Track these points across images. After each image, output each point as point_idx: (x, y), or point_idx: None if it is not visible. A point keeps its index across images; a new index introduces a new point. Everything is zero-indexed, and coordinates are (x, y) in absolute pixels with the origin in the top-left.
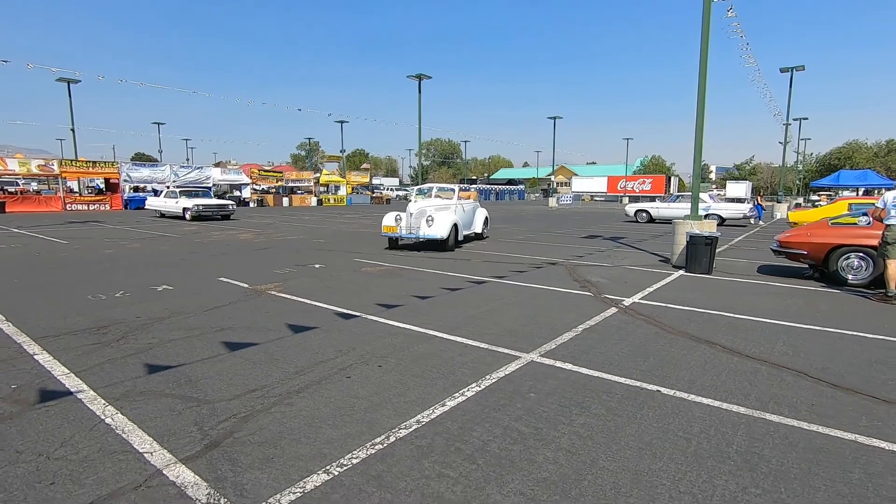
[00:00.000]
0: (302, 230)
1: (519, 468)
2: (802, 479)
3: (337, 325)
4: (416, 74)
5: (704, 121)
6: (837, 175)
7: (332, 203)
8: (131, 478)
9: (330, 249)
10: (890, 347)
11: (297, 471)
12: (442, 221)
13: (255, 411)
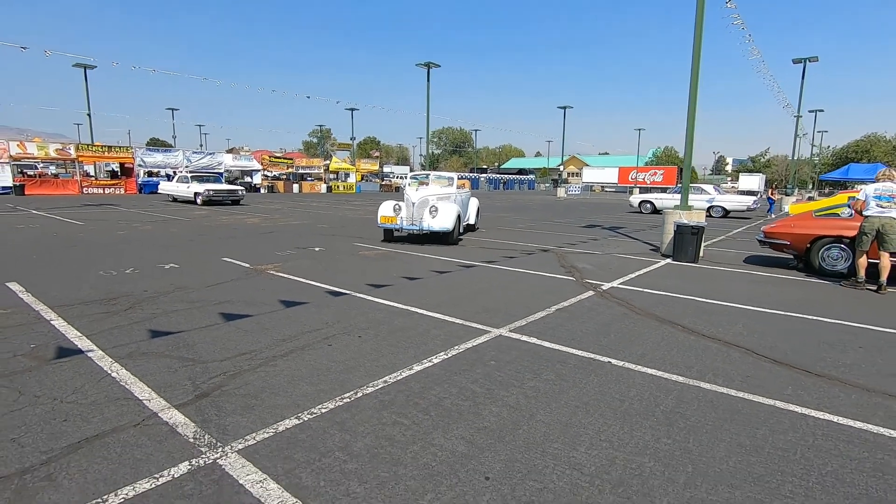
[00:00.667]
0: (308, 216)
1: (465, 419)
2: (712, 432)
3: (326, 301)
4: (425, 63)
5: (696, 113)
6: (847, 168)
7: (341, 190)
8: (131, 418)
9: (332, 234)
10: (845, 331)
11: (273, 416)
12: (447, 213)
13: (242, 370)
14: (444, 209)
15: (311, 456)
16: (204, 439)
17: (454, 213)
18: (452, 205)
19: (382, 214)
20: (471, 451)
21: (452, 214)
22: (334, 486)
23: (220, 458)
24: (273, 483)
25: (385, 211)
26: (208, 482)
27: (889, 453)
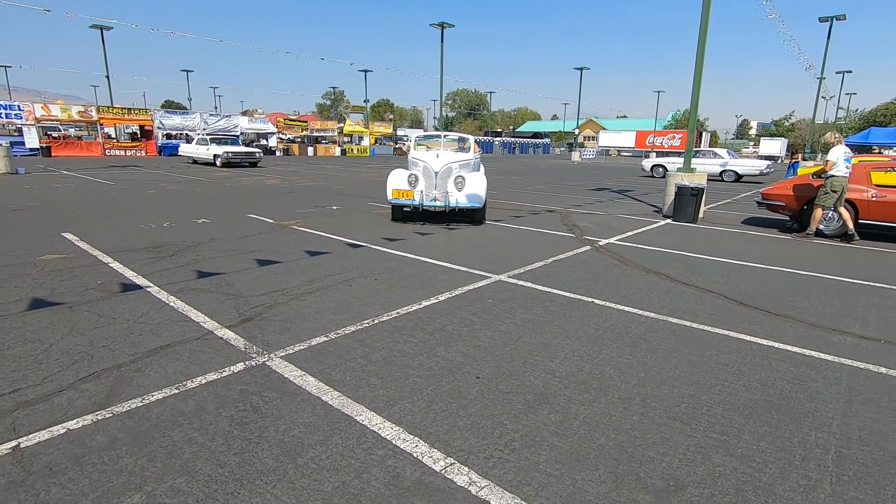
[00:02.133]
0: (324, 178)
1: (463, 340)
2: (667, 352)
3: (346, 251)
4: (438, 23)
5: (702, 74)
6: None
7: (355, 153)
8: (192, 334)
9: (348, 195)
10: (815, 281)
11: (306, 335)
12: (476, 184)
13: (277, 303)
14: (473, 180)
15: (338, 361)
16: (253, 349)
17: (484, 185)
18: (480, 175)
19: (394, 187)
20: (466, 361)
21: (482, 186)
22: (357, 380)
23: (267, 361)
24: (310, 377)
25: (397, 183)
26: (261, 375)
27: (812, 369)
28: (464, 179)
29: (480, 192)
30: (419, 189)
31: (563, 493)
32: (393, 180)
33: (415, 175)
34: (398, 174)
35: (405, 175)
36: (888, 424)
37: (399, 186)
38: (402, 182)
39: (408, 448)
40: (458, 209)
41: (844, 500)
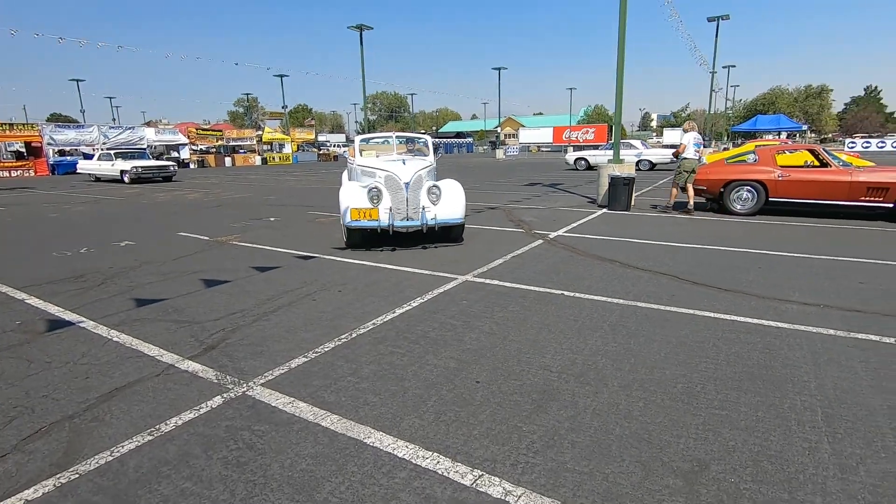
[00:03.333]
0: (250, 189)
1: (450, 345)
2: (647, 336)
3: (298, 264)
4: (356, 25)
5: (624, 71)
6: (755, 120)
7: (277, 161)
8: (150, 370)
9: (282, 205)
10: (747, 257)
11: (283, 357)
12: (454, 195)
13: (240, 326)
14: (449, 190)
15: (327, 381)
16: (227, 379)
17: (463, 194)
18: (453, 182)
19: (353, 206)
20: (460, 366)
21: (462, 196)
22: (353, 399)
23: (247, 391)
24: (301, 403)
25: (354, 200)
26: (244, 408)
27: (776, 338)
28: (439, 190)
29: (461, 203)
30: (385, 206)
31: (600, 490)
32: (348, 197)
33: (377, 188)
34: (353, 189)
35: (362, 189)
36: (854, 381)
37: (359, 205)
38: (360, 199)
39: (430, 466)
40: (437, 227)
41: (844, 456)
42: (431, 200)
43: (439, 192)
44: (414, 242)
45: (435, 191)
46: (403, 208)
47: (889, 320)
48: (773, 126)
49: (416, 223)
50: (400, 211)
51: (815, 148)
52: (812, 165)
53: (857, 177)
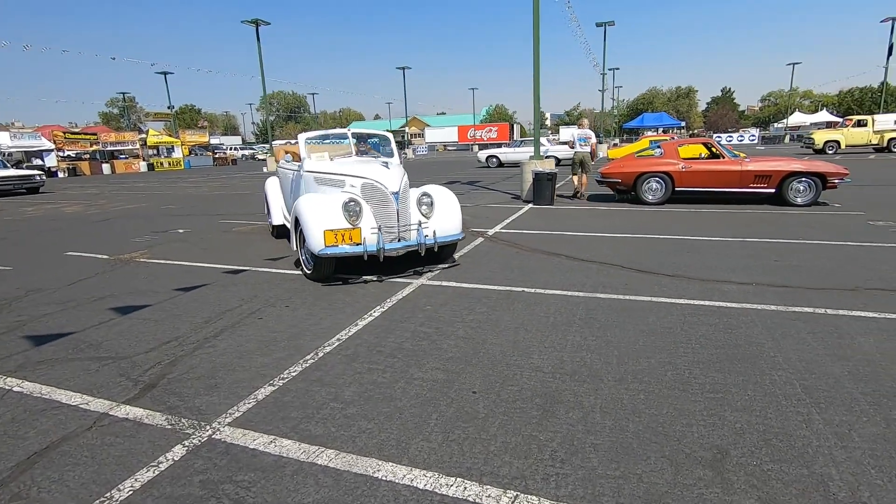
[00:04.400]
0: (142, 198)
1: (431, 355)
2: (619, 327)
3: (229, 280)
4: (252, 20)
5: (540, 73)
6: (642, 118)
7: (166, 167)
8: (78, 423)
9: (188, 215)
10: (671, 243)
11: (244, 389)
12: (450, 203)
13: (179, 357)
14: (442, 198)
15: (308, 412)
16: (182, 423)
17: (457, 203)
18: (445, 189)
19: (327, 227)
20: (449, 377)
21: (457, 206)
22: (346, 429)
23: (213, 434)
24: (285, 440)
25: (327, 218)
26: (217, 455)
27: (731, 317)
28: (431, 199)
29: (458, 214)
30: (368, 224)
31: (640, 492)
32: (319, 215)
33: (354, 202)
34: (321, 203)
35: (335, 203)
36: (812, 350)
37: (334, 225)
38: (335, 216)
39: (459, 494)
40: (436, 247)
41: (836, 425)
42: (423, 213)
43: (431, 201)
44: (400, 267)
45: (426, 200)
46: (394, 225)
47: (812, 293)
48: (658, 123)
49: (411, 244)
50: (390, 229)
51: (710, 141)
52: (706, 157)
53: (746, 166)
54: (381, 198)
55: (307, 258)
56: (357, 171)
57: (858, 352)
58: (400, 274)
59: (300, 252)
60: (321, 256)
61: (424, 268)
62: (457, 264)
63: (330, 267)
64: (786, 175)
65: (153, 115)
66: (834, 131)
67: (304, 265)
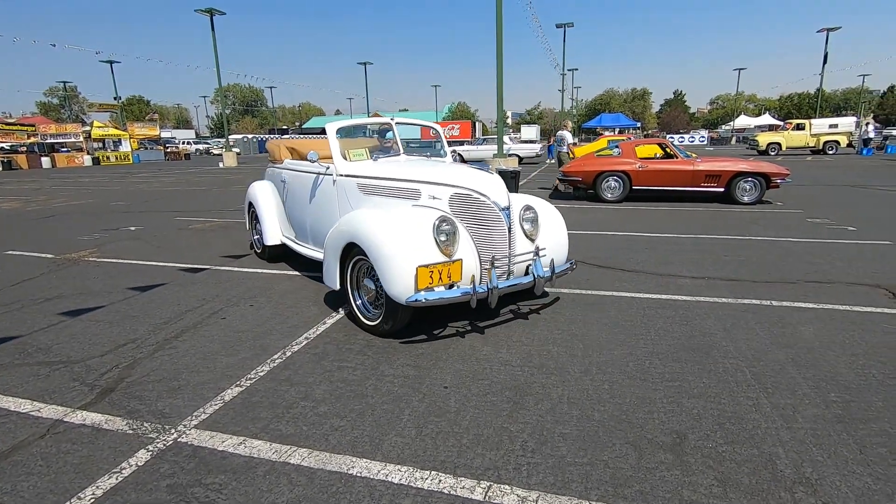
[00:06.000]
0: (88, 194)
1: (401, 351)
2: (583, 319)
3: (187, 279)
4: (206, 9)
5: (503, 74)
6: (600, 118)
7: (113, 161)
8: (29, 431)
9: (140, 211)
10: (629, 239)
11: (210, 391)
12: (555, 218)
13: (138, 359)
14: (547, 213)
15: (277, 411)
16: (145, 427)
17: (562, 220)
18: (541, 200)
19: (420, 263)
20: (419, 373)
21: (563, 223)
22: (317, 427)
23: (179, 437)
24: (256, 441)
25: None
26: (184, 459)
27: (686, 310)
28: (535, 214)
29: (566, 233)
30: (466, 254)
31: (607, 477)
32: (406, 242)
33: (448, 222)
34: (403, 224)
35: (422, 224)
36: (760, 340)
37: (428, 259)
38: (425, 244)
39: (433, 486)
40: (550, 277)
41: (782, 408)
42: (527, 233)
43: (536, 217)
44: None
45: (529, 216)
46: (505, 255)
47: (758, 286)
48: (615, 123)
49: (523, 280)
50: (500, 260)
51: (665, 142)
52: (661, 157)
53: (698, 166)
54: (484, 215)
55: (365, 303)
56: (442, 177)
57: (800, 340)
58: (495, 318)
59: (352, 293)
60: (409, 305)
61: (521, 305)
62: (557, 298)
63: (408, 315)
64: (734, 175)
65: (98, 107)
66: (776, 134)
67: (359, 311)
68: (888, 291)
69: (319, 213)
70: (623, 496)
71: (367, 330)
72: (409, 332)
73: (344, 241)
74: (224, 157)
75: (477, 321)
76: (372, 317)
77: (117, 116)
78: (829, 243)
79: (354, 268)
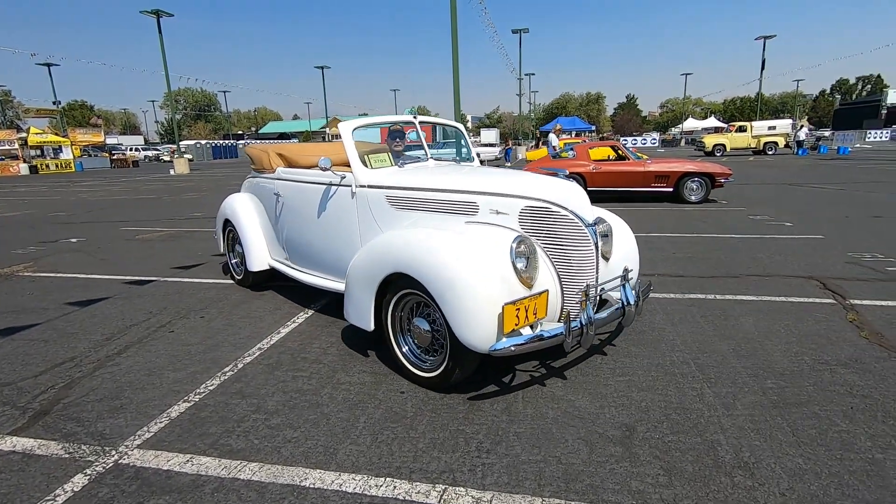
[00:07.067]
0: (24, 205)
1: (357, 359)
2: None
3: (134, 291)
4: (152, 10)
5: (459, 79)
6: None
7: (53, 170)
8: None
9: (81, 222)
10: None
11: (155, 408)
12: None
13: (76, 379)
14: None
15: (228, 426)
16: (83, 450)
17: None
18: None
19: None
20: (376, 380)
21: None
22: (270, 440)
23: (120, 459)
24: (204, 458)
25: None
26: (125, 481)
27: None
28: (609, 228)
29: (636, 244)
30: (548, 281)
31: (559, 473)
32: (486, 272)
33: (527, 244)
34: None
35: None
36: (704, 332)
37: (513, 293)
38: (508, 275)
39: (388, 493)
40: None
41: (723, 396)
42: (604, 252)
43: (610, 230)
44: None
45: (603, 230)
46: (593, 282)
47: (704, 281)
48: (571, 126)
49: (612, 311)
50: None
51: (617, 144)
52: (613, 159)
53: (648, 167)
54: (565, 233)
55: (414, 349)
56: (509, 186)
57: (741, 331)
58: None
59: (395, 338)
60: (497, 354)
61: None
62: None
63: (477, 363)
64: (681, 175)
65: (35, 112)
66: (721, 136)
67: (406, 360)
68: (819, 282)
69: (331, 231)
70: (574, 491)
71: (419, 382)
72: (473, 383)
73: (385, 271)
74: (175, 163)
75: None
76: (428, 367)
77: (57, 122)
78: (768, 238)
79: (398, 305)
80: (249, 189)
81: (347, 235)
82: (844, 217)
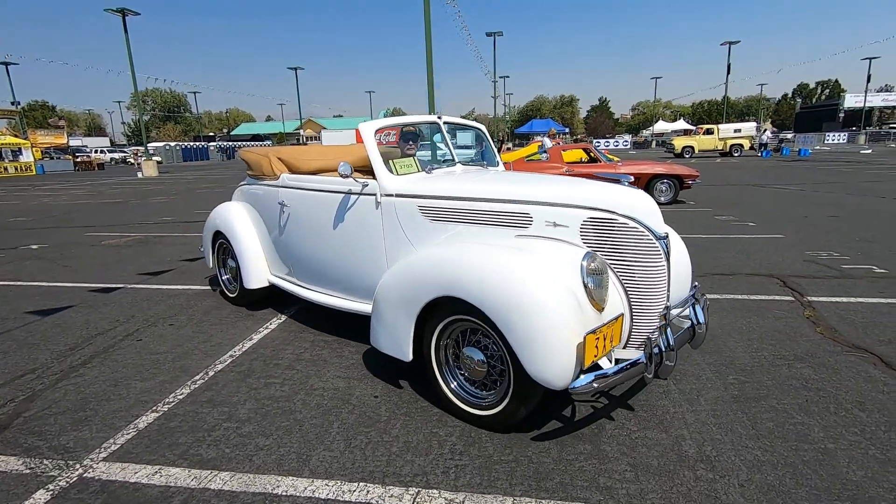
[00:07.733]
0: None
1: (332, 363)
2: None
3: (99, 300)
4: (118, 8)
5: (434, 83)
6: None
7: (12, 173)
8: None
9: (43, 227)
10: None
11: (121, 419)
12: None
13: (38, 391)
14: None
15: (198, 435)
16: (45, 465)
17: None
18: None
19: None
20: (350, 385)
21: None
22: (241, 448)
23: (85, 472)
24: (173, 469)
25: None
26: (89, 495)
27: None
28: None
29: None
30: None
31: (530, 472)
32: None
33: (595, 261)
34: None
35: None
36: None
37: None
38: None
39: (361, 498)
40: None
41: (687, 392)
42: None
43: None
44: None
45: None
46: (662, 304)
47: None
48: (545, 128)
49: (682, 332)
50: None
51: (588, 146)
52: (586, 161)
53: (619, 169)
54: (635, 247)
55: (464, 384)
56: (568, 195)
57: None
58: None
59: (440, 371)
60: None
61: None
62: None
63: (540, 398)
64: (651, 177)
65: None
66: (689, 138)
67: (455, 397)
68: (779, 280)
69: (351, 245)
70: (545, 489)
71: (471, 421)
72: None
73: (430, 295)
74: (143, 166)
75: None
76: (485, 404)
77: (16, 123)
78: (732, 238)
79: (444, 333)
80: (245, 197)
81: (371, 250)
82: (804, 217)
